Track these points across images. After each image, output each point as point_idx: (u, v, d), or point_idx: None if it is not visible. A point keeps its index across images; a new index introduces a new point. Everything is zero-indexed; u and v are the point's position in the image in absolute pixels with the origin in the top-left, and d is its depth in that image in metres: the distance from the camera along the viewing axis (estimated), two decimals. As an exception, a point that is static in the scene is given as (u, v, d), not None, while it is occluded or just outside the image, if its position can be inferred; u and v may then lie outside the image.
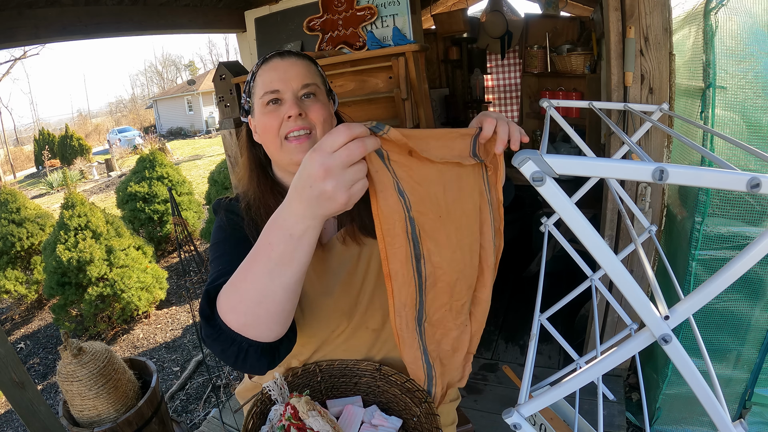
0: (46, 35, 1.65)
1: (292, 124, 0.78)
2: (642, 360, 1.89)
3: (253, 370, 0.64)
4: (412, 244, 0.62)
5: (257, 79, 0.82)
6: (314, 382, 0.93)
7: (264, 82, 0.80)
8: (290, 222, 0.54)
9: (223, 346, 0.61)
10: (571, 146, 2.79)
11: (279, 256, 0.55)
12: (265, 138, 0.82)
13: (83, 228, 3.41)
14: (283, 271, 0.56)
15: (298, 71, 0.81)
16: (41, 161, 15.05)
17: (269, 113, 0.79)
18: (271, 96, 0.79)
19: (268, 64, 0.82)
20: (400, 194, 0.58)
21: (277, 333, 0.62)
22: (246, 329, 0.60)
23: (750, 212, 1.34)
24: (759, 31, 1.25)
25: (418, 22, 1.98)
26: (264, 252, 0.57)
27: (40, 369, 3.35)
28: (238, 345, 0.61)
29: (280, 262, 0.55)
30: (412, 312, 0.68)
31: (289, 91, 0.79)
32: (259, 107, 0.81)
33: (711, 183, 0.34)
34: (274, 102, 0.79)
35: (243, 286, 0.59)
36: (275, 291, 0.57)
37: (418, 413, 0.84)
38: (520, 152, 0.38)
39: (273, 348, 0.64)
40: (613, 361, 0.43)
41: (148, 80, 40.84)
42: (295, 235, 0.54)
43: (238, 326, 0.60)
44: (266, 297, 0.58)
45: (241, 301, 0.59)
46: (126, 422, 1.50)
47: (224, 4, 2.27)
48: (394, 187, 0.58)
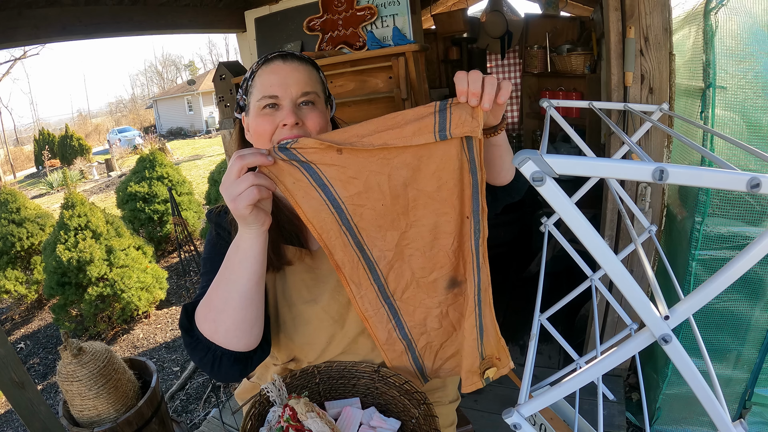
0: (46, 35, 1.65)
1: (287, 132, 0.77)
2: (642, 360, 1.89)
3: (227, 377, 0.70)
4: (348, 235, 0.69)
5: (256, 79, 0.80)
6: (313, 383, 0.93)
7: (263, 84, 0.78)
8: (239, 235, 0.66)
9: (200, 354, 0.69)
10: (571, 146, 2.79)
11: (232, 265, 0.66)
12: (256, 140, 0.81)
13: (83, 228, 3.41)
14: (236, 279, 0.65)
15: (299, 77, 0.79)
16: (41, 161, 15.05)
17: (264, 116, 0.78)
18: (269, 101, 0.78)
19: (269, 65, 0.80)
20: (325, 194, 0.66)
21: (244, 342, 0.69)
22: (215, 336, 0.68)
23: (750, 212, 1.34)
24: (759, 31, 1.25)
25: (418, 22, 1.98)
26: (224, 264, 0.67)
27: (40, 369, 3.35)
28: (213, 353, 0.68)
29: (234, 271, 0.65)
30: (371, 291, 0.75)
31: (287, 98, 0.78)
32: (255, 108, 0.79)
33: (711, 183, 0.34)
34: (271, 106, 0.78)
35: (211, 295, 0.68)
36: (233, 297, 0.66)
37: (417, 415, 0.84)
38: (520, 152, 0.38)
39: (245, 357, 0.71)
40: (613, 361, 0.43)
41: (148, 80, 40.87)
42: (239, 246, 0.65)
43: (209, 333, 0.68)
44: (227, 304, 0.66)
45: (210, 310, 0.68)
46: (126, 422, 1.50)
47: (224, 4, 2.27)
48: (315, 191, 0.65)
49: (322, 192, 0.66)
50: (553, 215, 1.10)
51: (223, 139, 2.40)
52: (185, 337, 0.70)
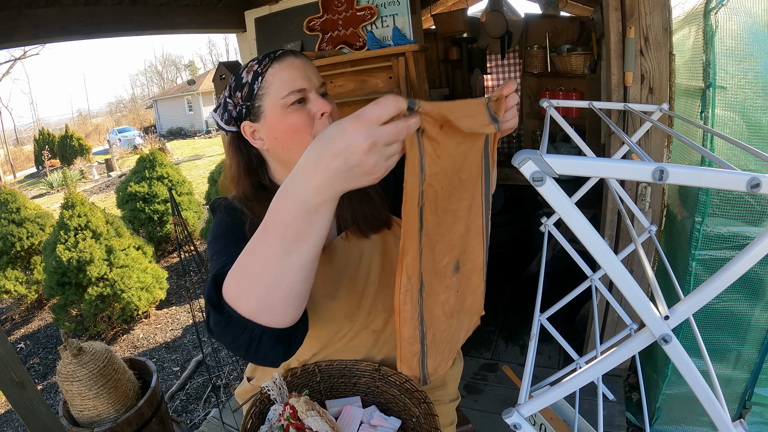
0: (46, 35, 1.65)
1: (326, 122, 0.77)
2: (642, 360, 1.89)
3: (267, 359, 0.60)
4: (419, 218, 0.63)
5: (270, 78, 0.76)
6: (313, 382, 0.93)
7: (285, 81, 0.75)
8: (307, 195, 0.49)
9: (233, 335, 0.57)
10: (571, 146, 2.79)
11: (294, 233, 0.51)
12: (291, 140, 0.77)
13: (83, 228, 3.41)
14: (299, 249, 0.52)
15: (314, 69, 0.79)
16: (41, 161, 15.05)
17: (296, 112, 0.76)
18: (299, 95, 0.75)
19: (282, 62, 0.76)
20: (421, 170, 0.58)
21: (292, 317, 0.58)
22: (258, 314, 0.56)
23: (750, 212, 1.34)
24: (759, 31, 1.25)
25: (418, 22, 1.98)
26: (276, 230, 0.52)
27: (40, 369, 3.35)
28: (249, 332, 0.57)
29: (297, 239, 0.51)
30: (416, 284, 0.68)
31: (313, 89, 0.77)
32: (279, 108, 0.76)
33: (711, 183, 0.34)
34: (299, 102, 0.76)
35: (253, 268, 0.55)
36: (290, 271, 0.53)
37: (417, 414, 0.84)
38: (520, 152, 0.38)
39: (288, 334, 0.60)
40: (613, 361, 0.43)
41: (148, 80, 40.87)
42: (312, 208, 0.49)
43: (249, 311, 0.56)
44: (281, 278, 0.54)
45: (252, 284, 0.55)
46: (126, 422, 1.50)
47: (224, 4, 2.27)
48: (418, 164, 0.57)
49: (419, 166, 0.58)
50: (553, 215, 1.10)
51: (223, 139, 2.40)
52: (214, 315, 0.58)
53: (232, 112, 0.80)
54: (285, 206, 0.51)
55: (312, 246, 0.53)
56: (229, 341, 0.58)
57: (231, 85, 0.80)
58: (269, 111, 0.77)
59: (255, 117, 0.78)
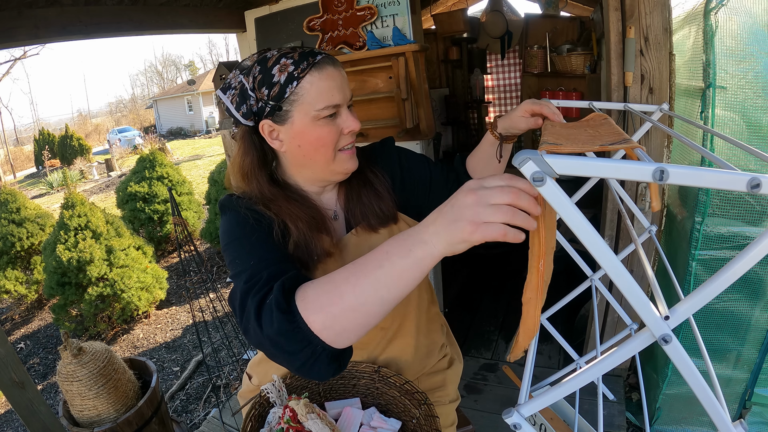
0: (46, 35, 1.65)
1: (350, 137, 0.79)
2: (642, 360, 1.89)
3: (319, 375, 0.60)
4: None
5: (308, 86, 0.73)
6: (312, 384, 0.93)
7: (322, 92, 0.74)
8: (415, 239, 0.52)
9: (296, 347, 0.56)
10: (571, 146, 2.79)
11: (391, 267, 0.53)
12: (315, 150, 0.77)
13: (83, 228, 3.41)
14: (389, 286, 0.54)
15: (346, 81, 0.79)
16: (41, 161, 15.05)
17: (326, 126, 0.76)
18: (333, 110, 0.75)
19: (322, 72, 0.74)
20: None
21: (351, 341, 0.59)
22: (328, 333, 0.56)
23: (750, 212, 1.34)
24: (759, 31, 1.25)
25: (418, 22, 1.98)
26: (376, 259, 0.54)
27: (40, 369, 3.35)
28: (312, 348, 0.56)
29: (391, 275, 0.53)
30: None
31: (345, 103, 0.78)
32: (310, 118, 0.74)
33: (711, 183, 0.34)
34: (331, 116, 0.76)
35: (342, 288, 0.55)
36: (374, 302, 0.54)
37: (418, 415, 0.84)
38: (520, 152, 0.38)
39: (342, 354, 0.61)
40: (613, 361, 0.43)
41: (148, 80, 40.86)
42: (414, 253, 0.52)
43: (321, 328, 0.56)
44: (363, 305, 0.55)
45: (335, 304, 0.55)
46: (126, 422, 1.50)
47: (224, 4, 2.27)
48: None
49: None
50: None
51: (223, 139, 2.40)
52: (282, 322, 0.56)
53: (253, 106, 0.76)
54: (395, 242, 0.54)
55: (401, 289, 0.54)
56: (287, 351, 0.57)
57: (256, 76, 0.74)
58: (298, 118, 0.75)
59: (280, 119, 0.76)
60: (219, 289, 3.79)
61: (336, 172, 0.82)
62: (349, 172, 0.84)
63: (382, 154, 0.96)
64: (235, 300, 0.64)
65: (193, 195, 5.34)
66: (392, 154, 0.97)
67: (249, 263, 0.67)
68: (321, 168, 0.81)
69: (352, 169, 0.83)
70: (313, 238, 0.79)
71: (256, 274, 0.64)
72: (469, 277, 3.16)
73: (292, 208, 0.80)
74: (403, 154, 0.98)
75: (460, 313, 2.73)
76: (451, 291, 2.95)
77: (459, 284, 3.08)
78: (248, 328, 0.61)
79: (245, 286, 0.63)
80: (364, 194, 0.87)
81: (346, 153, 0.80)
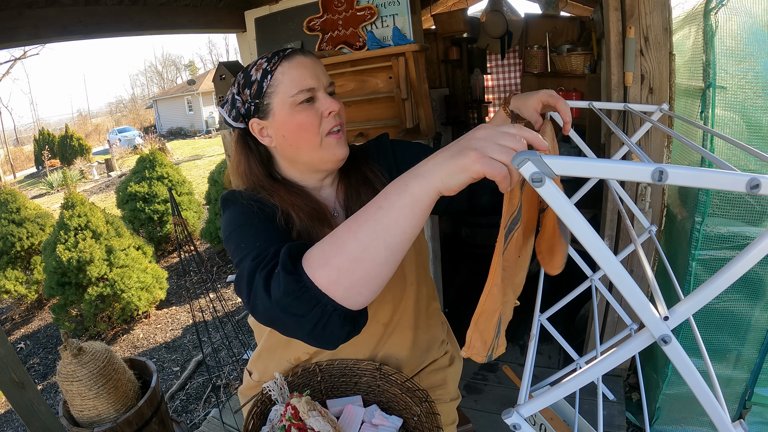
0: (46, 35, 1.65)
1: (333, 120, 0.79)
2: (642, 360, 1.89)
3: (332, 338, 0.58)
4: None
5: (280, 76, 0.77)
6: (314, 381, 0.93)
7: (295, 79, 0.77)
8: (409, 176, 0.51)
9: (304, 308, 0.55)
10: (570, 146, 2.79)
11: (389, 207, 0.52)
12: (299, 138, 0.79)
13: (83, 228, 3.41)
14: (390, 229, 0.52)
15: (322, 68, 0.81)
16: (41, 161, 15.05)
17: (304, 111, 0.77)
18: (308, 94, 0.77)
19: (292, 60, 0.78)
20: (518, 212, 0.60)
21: (364, 299, 0.57)
22: (335, 288, 0.55)
23: (750, 212, 1.34)
24: (759, 31, 1.25)
25: (418, 22, 1.98)
26: (374, 202, 0.54)
27: (40, 369, 3.35)
28: (322, 308, 0.55)
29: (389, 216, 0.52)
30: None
31: (321, 89, 0.79)
32: (288, 106, 0.77)
33: (711, 184, 0.34)
34: (308, 100, 0.78)
35: (343, 238, 0.54)
36: (377, 248, 0.53)
37: (419, 412, 0.84)
38: (519, 153, 0.38)
39: (354, 317, 0.59)
40: (613, 362, 0.43)
41: (148, 80, 40.85)
42: (410, 190, 0.51)
43: (327, 283, 0.54)
44: (366, 252, 0.53)
45: (337, 254, 0.54)
46: (126, 422, 1.50)
47: (224, 4, 2.27)
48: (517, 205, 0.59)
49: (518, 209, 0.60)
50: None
51: (223, 139, 2.40)
52: (289, 282, 0.55)
53: (240, 108, 0.80)
54: (391, 184, 0.53)
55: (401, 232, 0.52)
56: (297, 315, 0.56)
57: (240, 81, 0.80)
58: (278, 109, 0.78)
59: (263, 114, 0.79)
60: (219, 289, 3.79)
61: (326, 159, 0.82)
62: (340, 159, 0.83)
63: (377, 151, 0.97)
64: (242, 280, 0.62)
65: (193, 195, 5.34)
66: (387, 150, 0.97)
67: (255, 245, 0.67)
68: (310, 156, 0.81)
69: (342, 155, 0.82)
70: (314, 228, 0.79)
71: (263, 251, 0.63)
72: (469, 277, 3.15)
73: (294, 199, 0.80)
74: (398, 146, 0.98)
75: (461, 312, 2.73)
76: (451, 291, 2.95)
77: (459, 284, 3.08)
78: (257, 304, 0.59)
79: (252, 264, 0.62)
80: (363, 192, 0.88)
81: (333, 137, 0.80)
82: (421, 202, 0.51)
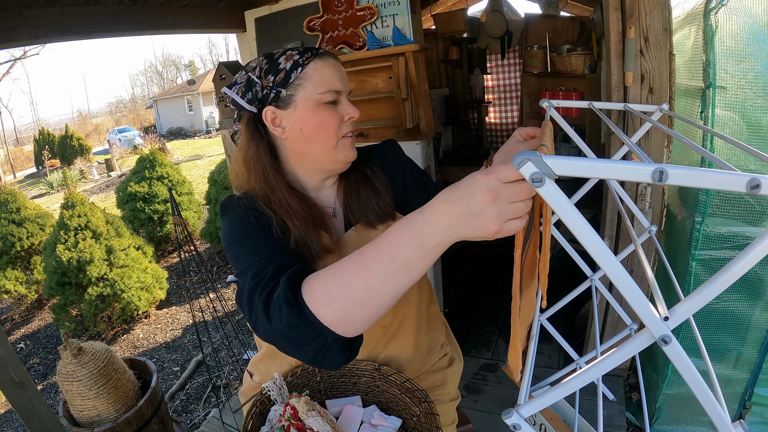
0: (46, 35, 1.65)
1: (351, 125, 0.82)
2: (642, 360, 1.89)
3: (332, 365, 0.61)
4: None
5: (311, 71, 0.78)
6: (313, 382, 0.93)
7: (325, 78, 0.78)
8: (426, 231, 0.51)
9: (306, 339, 0.57)
10: (570, 146, 2.79)
11: (403, 261, 0.53)
12: (317, 135, 0.80)
13: (83, 228, 3.41)
14: (400, 277, 0.54)
15: (346, 76, 0.83)
16: (41, 161, 15.05)
17: (328, 111, 0.79)
18: (334, 96, 0.79)
19: (325, 60, 0.79)
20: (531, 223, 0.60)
21: (364, 329, 0.59)
22: (338, 324, 0.57)
23: (750, 212, 1.34)
24: (759, 31, 1.25)
25: (418, 22, 1.98)
26: (387, 253, 0.54)
27: (40, 369, 3.35)
28: (323, 339, 0.57)
29: (402, 268, 0.53)
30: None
31: (345, 93, 0.82)
32: (313, 102, 0.78)
33: (711, 184, 0.34)
34: (332, 102, 0.80)
35: (351, 281, 0.55)
36: (385, 293, 0.55)
37: (418, 413, 0.84)
38: (519, 153, 0.38)
39: (353, 343, 0.61)
40: (613, 362, 0.43)
41: (148, 80, 40.84)
42: (426, 245, 0.52)
43: (331, 320, 0.56)
44: (374, 297, 0.55)
45: (344, 296, 0.56)
46: (126, 422, 1.50)
47: (224, 4, 2.27)
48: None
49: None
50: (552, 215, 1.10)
51: (223, 139, 2.40)
52: (291, 316, 0.57)
53: (258, 93, 0.80)
54: (403, 233, 0.53)
55: (411, 279, 0.55)
56: (298, 344, 0.58)
57: (263, 67, 0.80)
58: (301, 102, 0.78)
59: (283, 104, 0.79)
60: (219, 289, 3.79)
61: (337, 160, 0.83)
62: (350, 161, 0.85)
63: (383, 154, 0.97)
64: (242, 298, 0.65)
65: (193, 195, 5.34)
66: (394, 156, 0.98)
67: (253, 259, 0.69)
68: (322, 155, 0.82)
69: (353, 157, 0.84)
70: (310, 235, 0.80)
71: (262, 270, 0.65)
72: (469, 277, 3.16)
73: (292, 203, 0.80)
74: (408, 162, 0.99)
75: (460, 312, 2.73)
76: (451, 291, 2.95)
77: (459, 284, 3.08)
78: (258, 325, 0.62)
79: (252, 283, 0.64)
80: (363, 191, 0.88)
81: (348, 140, 0.83)
82: (435, 254, 0.53)
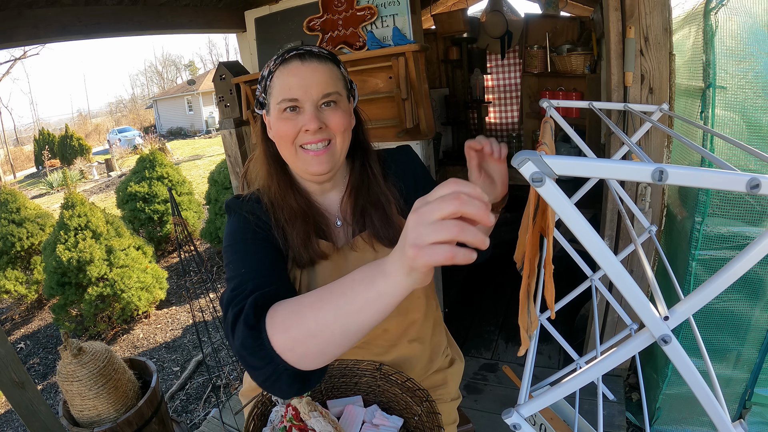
0: (45, 35, 1.65)
1: (310, 137, 0.76)
2: (642, 360, 1.89)
3: (280, 393, 0.61)
4: None
5: (275, 79, 0.77)
6: (314, 382, 0.93)
7: (282, 86, 0.76)
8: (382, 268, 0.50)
9: (258, 363, 0.57)
10: (570, 146, 2.79)
11: (354, 299, 0.51)
12: (279, 143, 0.80)
13: (83, 228, 3.41)
14: (349, 316, 0.52)
15: (320, 79, 0.76)
16: (41, 161, 15.05)
17: (286, 120, 0.76)
18: (290, 104, 0.75)
19: (287, 66, 0.76)
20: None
21: (316, 366, 0.58)
22: (290, 354, 0.56)
23: (750, 212, 1.34)
24: (759, 31, 1.25)
25: (418, 22, 1.98)
26: (343, 288, 0.53)
27: (40, 369, 3.35)
28: (274, 366, 0.57)
29: (351, 306, 0.51)
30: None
31: (308, 101, 0.75)
32: (275, 111, 0.77)
33: (711, 184, 0.34)
34: (291, 109, 0.76)
35: (305, 312, 0.55)
36: (333, 332, 0.53)
37: (419, 412, 0.84)
38: (519, 153, 0.38)
39: (305, 376, 0.60)
40: (613, 362, 0.43)
41: (148, 80, 40.84)
42: (376, 286, 0.49)
43: (283, 349, 0.56)
44: (323, 332, 0.53)
45: (296, 327, 0.55)
46: (126, 422, 1.50)
47: (224, 4, 2.27)
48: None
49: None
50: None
51: (223, 139, 2.40)
52: (248, 338, 0.57)
53: (259, 97, 0.83)
54: (364, 269, 0.52)
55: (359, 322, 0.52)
56: (250, 365, 0.58)
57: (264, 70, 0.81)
58: (272, 111, 0.79)
59: (267, 110, 0.81)
60: (219, 289, 3.79)
61: (302, 170, 0.81)
62: (315, 175, 0.80)
63: (398, 160, 0.94)
64: (222, 305, 0.67)
65: (193, 195, 5.34)
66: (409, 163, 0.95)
67: (240, 270, 0.71)
68: (292, 164, 0.83)
69: (317, 171, 0.79)
70: (310, 235, 0.80)
71: (242, 284, 0.67)
72: (469, 277, 3.16)
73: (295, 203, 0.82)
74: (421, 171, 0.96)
75: (460, 313, 2.73)
76: (451, 291, 2.95)
77: (459, 284, 3.08)
78: (227, 336, 0.64)
79: (230, 295, 0.66)
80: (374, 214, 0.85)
81: (308, 153, 0.77)
82: (387, 300, 0.49)
